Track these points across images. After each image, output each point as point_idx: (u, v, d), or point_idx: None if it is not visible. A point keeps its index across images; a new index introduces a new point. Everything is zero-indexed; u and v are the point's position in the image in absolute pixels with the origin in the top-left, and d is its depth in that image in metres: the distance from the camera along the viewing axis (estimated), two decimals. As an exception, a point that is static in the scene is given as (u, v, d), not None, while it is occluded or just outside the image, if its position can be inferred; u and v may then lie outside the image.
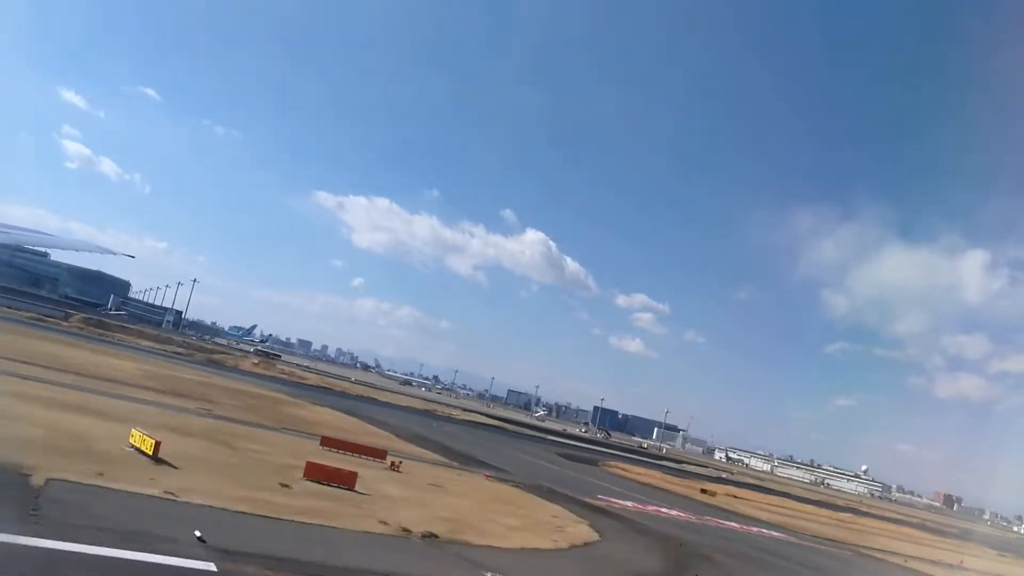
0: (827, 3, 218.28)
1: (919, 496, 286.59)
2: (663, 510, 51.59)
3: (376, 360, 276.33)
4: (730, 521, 54.57)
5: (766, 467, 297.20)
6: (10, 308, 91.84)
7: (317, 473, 30.55)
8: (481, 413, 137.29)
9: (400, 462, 40.11)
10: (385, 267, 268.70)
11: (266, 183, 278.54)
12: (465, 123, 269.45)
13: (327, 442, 40.61)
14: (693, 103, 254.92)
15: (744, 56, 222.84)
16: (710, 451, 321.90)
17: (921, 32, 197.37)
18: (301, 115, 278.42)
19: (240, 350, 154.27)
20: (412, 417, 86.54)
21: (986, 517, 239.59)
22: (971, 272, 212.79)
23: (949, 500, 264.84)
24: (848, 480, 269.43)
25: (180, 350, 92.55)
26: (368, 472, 34.38)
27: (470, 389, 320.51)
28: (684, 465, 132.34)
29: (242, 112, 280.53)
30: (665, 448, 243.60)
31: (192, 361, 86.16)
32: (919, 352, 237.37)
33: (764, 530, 54.28)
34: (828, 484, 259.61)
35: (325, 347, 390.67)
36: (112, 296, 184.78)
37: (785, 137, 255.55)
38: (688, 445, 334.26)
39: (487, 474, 47.85)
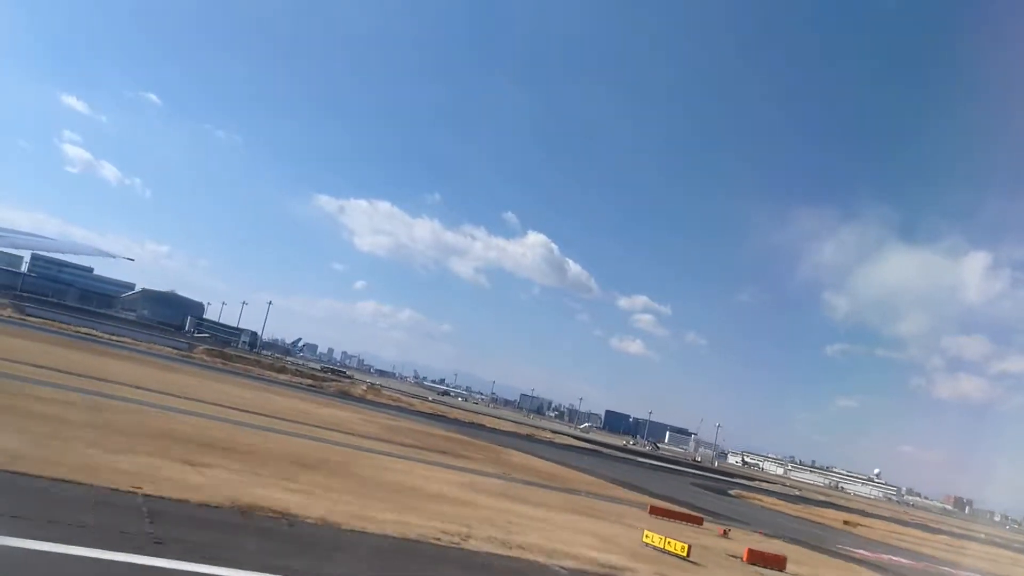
0: (826, 3, 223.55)
1: (926, 498, 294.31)
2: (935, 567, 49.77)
3: (415, 371, 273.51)
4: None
5: (779, 471, 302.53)
6: (117, 336, 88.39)
7: (757, 558, 30.45)
8: (550, 431, 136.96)
9: (728, 529, 40.00)
10: (386, 270, 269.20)
11: (267, 187, 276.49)
12: (466, 127, 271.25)
13: (656, 511, 40.27)
14: (694, 106, 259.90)
15: (744, 58, 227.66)
16: (723, 455, 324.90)
17: (922, 32, 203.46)
18: (302, 119, 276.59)
19: (317, 370, 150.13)
20: (549, 449, 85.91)
21: (996, 519, 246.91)
22: (973, 273, 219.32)
23: (960, 503, 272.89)
24: (863, 484, 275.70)
25: (310, 382, 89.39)
26: (721, 544, 34.42)
27: (495, 396, 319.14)
28: (756, 482, 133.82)
29: (243, 116, 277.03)
30: (698, 457, 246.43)
31: (328, 394, 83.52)
32: (921, 353, 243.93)
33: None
34: (843, 488, 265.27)
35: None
36: (188, 318, 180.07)
37: (786, 139, 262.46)
38: (701, 449, 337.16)
39: (724, 528, 42.99)
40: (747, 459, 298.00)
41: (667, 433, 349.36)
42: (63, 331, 75.81)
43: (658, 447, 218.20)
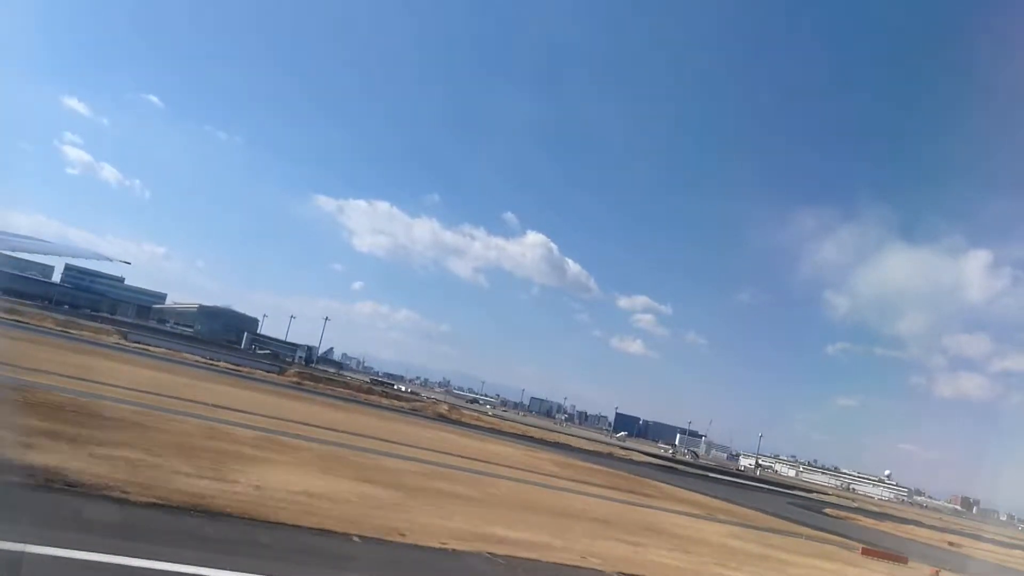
0: (826, 5, 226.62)
1: (930, 497, 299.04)
2: None
3: (444, 378, 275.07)
4: None
5: (791, 473, 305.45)
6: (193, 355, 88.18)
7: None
8: (600, 442, 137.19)
9: (938, 571, 41.93)
10: (385, 270, 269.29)
11: (267, 188, 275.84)
12: (465, 127, 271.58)
13: (868, 552, 42.33)
14: (694, 106, 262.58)
15: (743, 59, 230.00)
16: (735, 457, 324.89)
17: (922, 32, 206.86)
18: (303, 120, 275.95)
19: (367, 382, 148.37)
20: (652, 471, 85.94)
21: (1003, 519, 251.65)
22: (973, 272, 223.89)
23: (967, 502, 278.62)
24: (873, 485, 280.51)
25: (403, 404, 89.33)
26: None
27: (501, 399, 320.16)
28: (814, 495, 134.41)
29: (244, 118, 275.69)
30: (716, 461, 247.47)
31: (427, 416, 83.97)
32: (921, 352, 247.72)
33: None
34: (854, 489, 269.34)
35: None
36: (245, 334, 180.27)
37: (786, 139, 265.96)
38: (713, 452, 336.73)
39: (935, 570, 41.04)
40: (761, 462, 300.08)
41: (677, 435, 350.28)
42: (182, 359, 75.30)
43: (698, 456, 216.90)
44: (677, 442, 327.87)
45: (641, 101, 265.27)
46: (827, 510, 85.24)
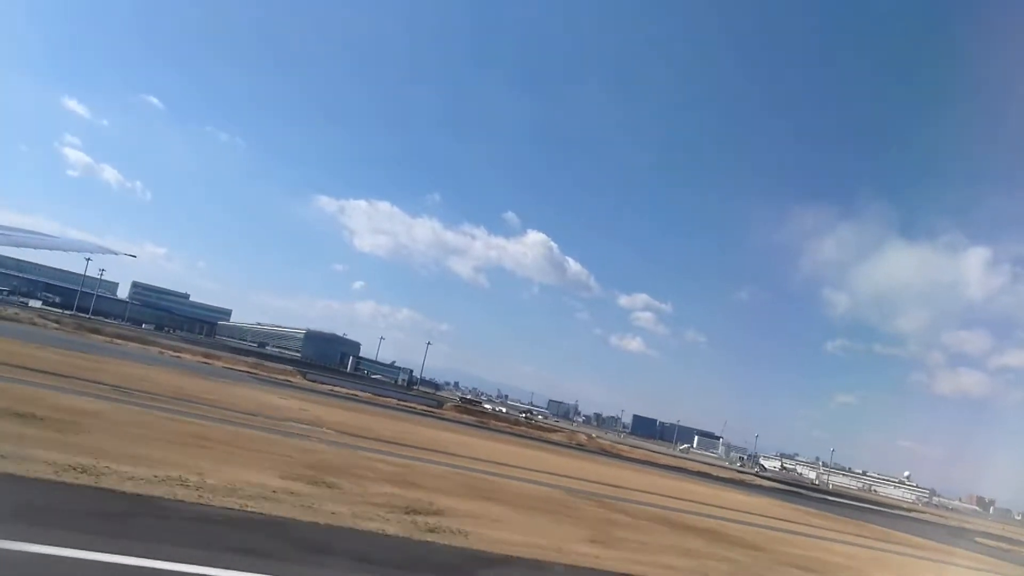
0: (824, 2, 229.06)
1: (940, 496, 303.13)
2: None
3: (499, 390, 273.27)
4: None
5: (812, 475, 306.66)
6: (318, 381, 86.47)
7: None
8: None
9: None
10: (386, 270, 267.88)
11: (268, 188, 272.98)
12: (466, 127, 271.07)
13: None
14: (693, 104, 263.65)
15: (742, 57, 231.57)
16: (755, 459, 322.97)
17: (920, 29, 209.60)
18: (304, 120, 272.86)
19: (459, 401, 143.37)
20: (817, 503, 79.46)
21: (1017, 518, 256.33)
22: (972, 269, 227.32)
23: (983, 502, 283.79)
24: (895, 487, 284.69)
25: (557, 439, 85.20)
26: None
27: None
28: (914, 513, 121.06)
29: (245, 119, 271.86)
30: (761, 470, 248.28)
31: (586, 449, 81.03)
32: (921, 349, 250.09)
33: None
34: (875, 491, 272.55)
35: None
36: (352, 358, 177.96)
37: (785, 137, 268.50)
38: (732, 454, 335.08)
39: None
40: (786, 464, 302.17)
41: (695, 438, 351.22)
42: (352, 396, 72.34)
43: (764, 469, 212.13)
44: (695, 445, 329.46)
45: (641, 100, 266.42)
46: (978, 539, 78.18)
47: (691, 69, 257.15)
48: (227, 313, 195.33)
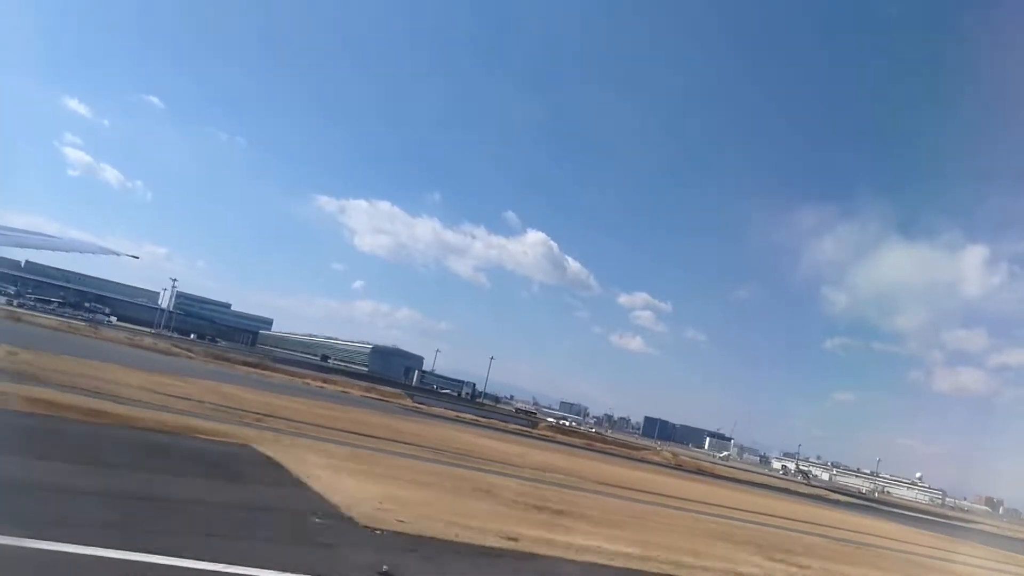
0: (826, 2, 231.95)
1: (953, 499, 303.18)
2: None
3: (534, 398, 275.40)
4: None
5: (825, 476, 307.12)
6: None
7: None
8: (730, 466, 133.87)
9: None
10: (387, 270, 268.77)
11: (268, 188, 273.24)
12: (466, 127, 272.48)
13: None
14: (693, 104, 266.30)
15: (742, 55, 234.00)
16: (766, 460, 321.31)
17: (920, 29, 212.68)
18: (304, 120, 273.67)
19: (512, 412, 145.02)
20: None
21: None
22: (971, 267, 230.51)
23: (992, 502, 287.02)
24: (908, 488, 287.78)
25: (658, 459, 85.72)
26: None
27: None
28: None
29: (245, 118, 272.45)
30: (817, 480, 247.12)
31: (682, 469, 74.56)
32: (919, 347, 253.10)
33: None
34: (889, 492, 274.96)
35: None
36: (416, 372, 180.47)
37: (786, 136, 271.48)
38: (746, 455, 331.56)
39: None
40: (802, 467, 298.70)
41: (707, 439, 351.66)
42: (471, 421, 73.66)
43: (810, 477, 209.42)
44: (707, 446, 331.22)
45: (642, 99, 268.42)
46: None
47: (691, 68, 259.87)
48: (268, 323, 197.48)
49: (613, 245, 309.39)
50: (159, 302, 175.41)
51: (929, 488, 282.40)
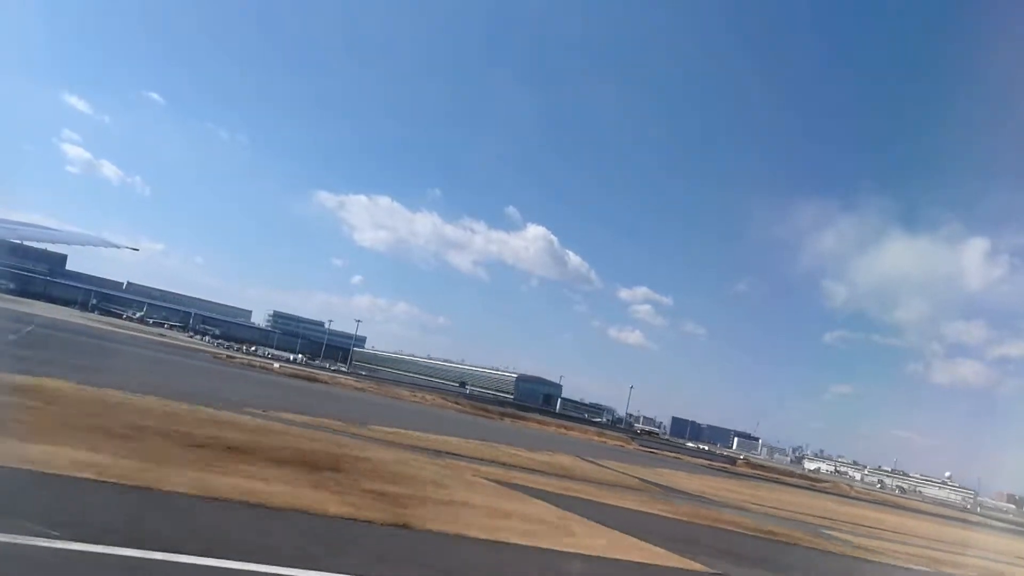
0: None
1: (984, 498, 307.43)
2: None
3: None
4: None
5: (856, 476, 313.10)
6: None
7: None
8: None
9: None
10: (386, 265, 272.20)
11: (267, 184, 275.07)
12: (466, 122, 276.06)
13: None
14: (694, 98, 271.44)
15: (744, 49, 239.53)
16: (798, 460, 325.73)
17: (920, 22, 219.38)
18: (304, 116, 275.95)
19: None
20: None
21: None
22: (972, 260, 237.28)
23: (1014, 499, 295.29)
24: (938, 488, 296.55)
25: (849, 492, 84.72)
26: None
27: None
28: None
29: (245, 114, 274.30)
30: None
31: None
32: (919, 339, 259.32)
33: None
34: (920, 492, 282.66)
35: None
36: (559, 399, 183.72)
37: (787, 131, 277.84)
38: (776, 456, 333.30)
39: None
40: (839, 467, 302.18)
41: (734, 439, 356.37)
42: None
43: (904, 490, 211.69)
44: (735, 446, 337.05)
45: (642, 93, 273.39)
46: None
47: (692, 61, 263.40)
48: (361, 340, 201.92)
49: (614, 239, 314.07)
50: (251, 319, 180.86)
51: (959, 487, 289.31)
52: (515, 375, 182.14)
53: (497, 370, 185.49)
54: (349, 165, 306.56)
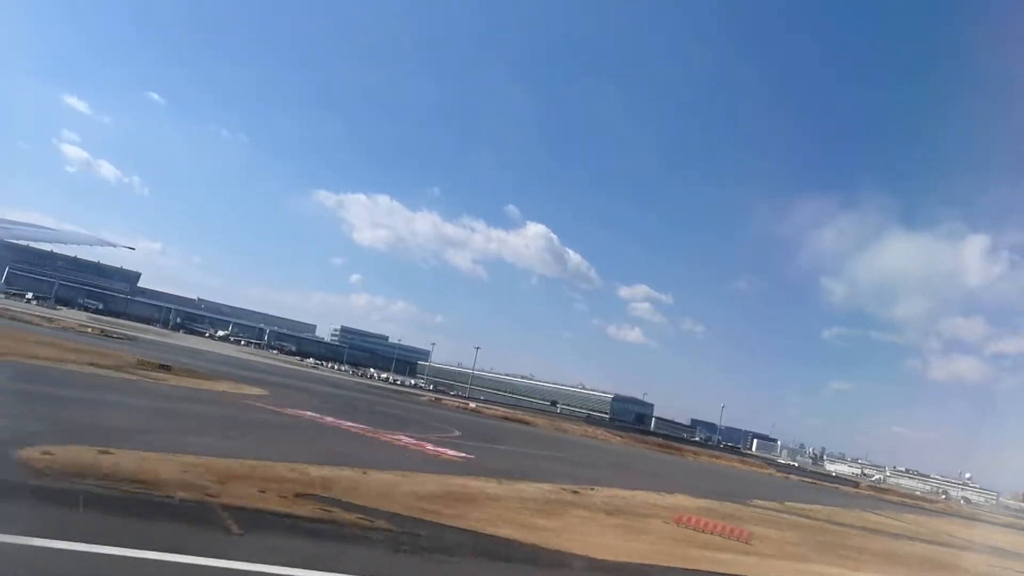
0: None
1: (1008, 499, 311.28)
2: None
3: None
4: None
5: (879, 477, 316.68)
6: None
7: None
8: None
9: None
10: (386, 264, 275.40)
11: (266, 183, 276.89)
12: (466, 121, 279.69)
13: None
14: (693, 96, 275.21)
15: (743, 47, 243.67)
16: (818, 462, 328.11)
17: (919, 19, 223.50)
18: (303, 115, 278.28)
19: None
20: None
21: None
22: (972, 256, 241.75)
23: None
24: (962, 489, 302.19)
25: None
26: None
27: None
28: None
29: (245, 114, 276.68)
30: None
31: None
32: (918, 336, 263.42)
33: None
34: (947, 493, 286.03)
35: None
36: (653, 419, 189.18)
37: (787, 128, 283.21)
38: (799, 458, 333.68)
39: None
40: (867, 471, 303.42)
41: (754, 441, 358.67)
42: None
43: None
44: (755, 448, 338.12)
45: (641, 91, 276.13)
46: None
47: (691, 59, 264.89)
48: (426, 353, 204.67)
49: (614, 237, 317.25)
50: (314, 334, 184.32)
51: (981, 489, 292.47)
52: (611, 395, 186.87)
53: (584, 388, 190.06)
54: (348, 164, 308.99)
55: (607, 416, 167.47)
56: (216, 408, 28.16)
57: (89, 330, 72.73)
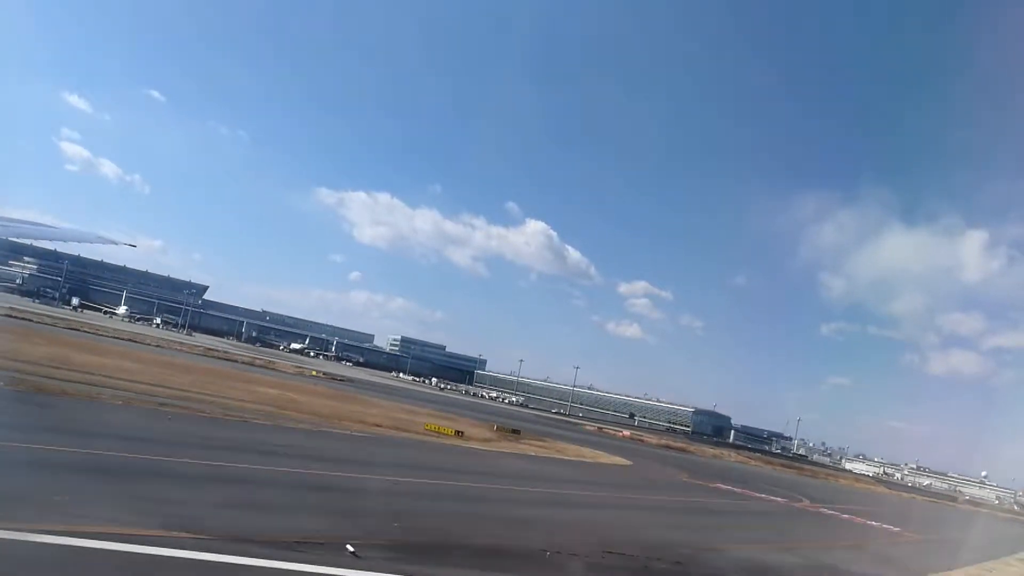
0: None
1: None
2: None
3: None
4: None
5: (896, 476, 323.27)
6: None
7: None
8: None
9: None
10: (386, 261, 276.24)
11: (267, 181, 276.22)
12: (466, 119, 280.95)
13: None
14: (692, 94, 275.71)
15: (742, 43, 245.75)
16: (837, 460, 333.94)
17: (919, 15, 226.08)
18: (304, 113, 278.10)
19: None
20: None
21: None
22: (971, 252, 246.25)
23: None
24: (979, 487, 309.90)
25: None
26: None
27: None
28: None
29: (245, 111, 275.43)
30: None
31: None
32: (916, 331, 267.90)
33: None
34: (961, 491, 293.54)
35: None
36: (732, 431, 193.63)
37: (786, 123, 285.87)
38: (816, 457, 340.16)
39: None
40: (889, 470, 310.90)
41: (773, 440, 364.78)
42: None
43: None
44: (773, 448, 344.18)
45: (641, 88, 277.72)
46: None
47: (691, 57, 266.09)
48: (483, 363, 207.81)
49: (614, 233, 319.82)
50: (373, 343, 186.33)
51: (997, 486, 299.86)
52: (691, 409, 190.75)
53: (661, 401, 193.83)
54: (349, 162, 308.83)
55: (688, 429, 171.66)
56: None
57: (313, 373, 73.61)
